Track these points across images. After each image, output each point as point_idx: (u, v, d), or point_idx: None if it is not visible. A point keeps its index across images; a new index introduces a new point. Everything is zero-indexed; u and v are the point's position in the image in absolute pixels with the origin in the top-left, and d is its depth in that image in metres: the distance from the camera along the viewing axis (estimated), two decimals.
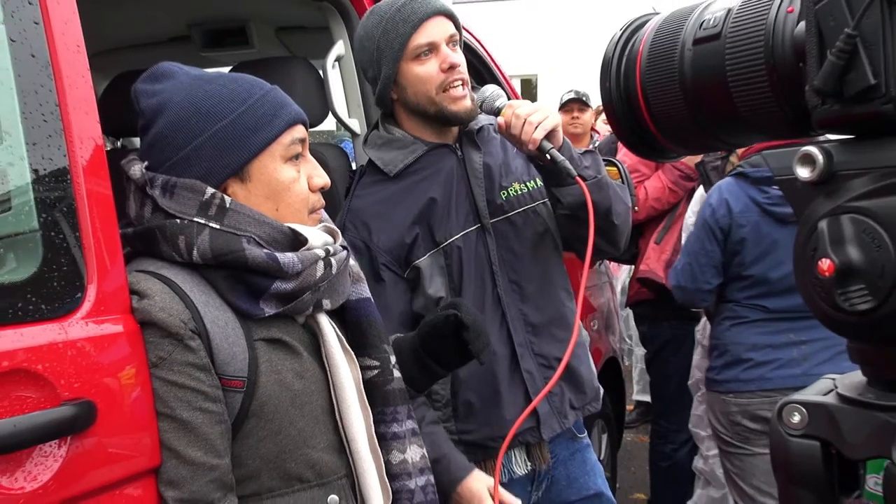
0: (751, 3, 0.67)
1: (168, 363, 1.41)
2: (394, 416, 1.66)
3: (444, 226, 2.06)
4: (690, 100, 0.70)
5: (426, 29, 2.00)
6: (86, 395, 1.29)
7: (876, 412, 0.61)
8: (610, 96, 0.75)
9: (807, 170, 0.62)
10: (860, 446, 0.61)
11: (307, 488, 1.52)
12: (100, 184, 1.39)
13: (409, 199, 2.05)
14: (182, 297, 1.43)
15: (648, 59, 0.72)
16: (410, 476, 1.64)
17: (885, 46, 0.56)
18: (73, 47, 1.40)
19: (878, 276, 0.58)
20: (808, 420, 0.64)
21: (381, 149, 2.12)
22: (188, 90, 1.51)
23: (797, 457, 0.64)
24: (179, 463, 1.40)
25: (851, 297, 0.58)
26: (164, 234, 1.47)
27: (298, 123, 1.58)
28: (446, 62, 2.00)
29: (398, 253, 2.04)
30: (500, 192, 2.11)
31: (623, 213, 2.10)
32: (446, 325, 1.72)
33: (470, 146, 2.13)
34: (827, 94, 0.59)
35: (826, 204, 0.61)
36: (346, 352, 1.63)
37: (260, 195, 1.55)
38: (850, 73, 0.57)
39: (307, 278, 1.53)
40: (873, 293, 0.58)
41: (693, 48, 0.69)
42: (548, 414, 2.12)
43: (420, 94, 2.03)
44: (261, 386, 1.48)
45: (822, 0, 0.58)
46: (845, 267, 0.58)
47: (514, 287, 2.13)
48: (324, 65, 2.50)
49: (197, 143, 1.49)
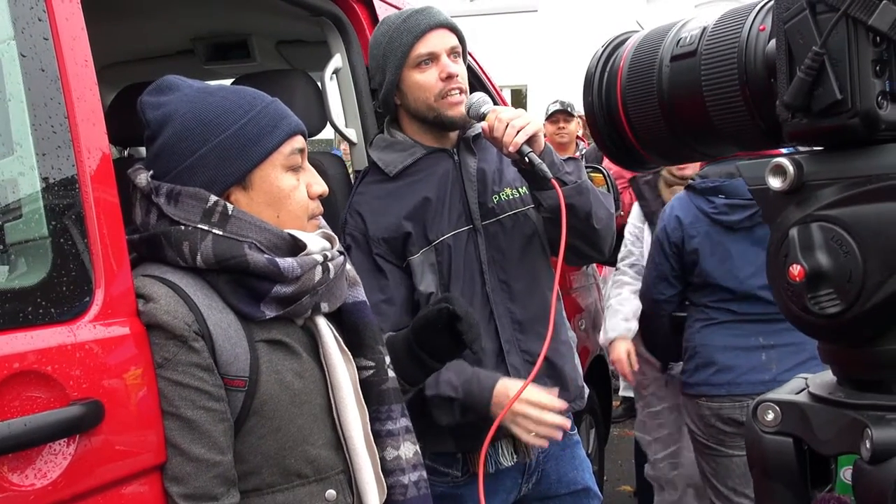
0: (725, 21, 0.68)
1: (173, 364, 1.41)
2: (388, 415, 1.67)
3: (437, 224, 2.10)
4: (668, 113, 0.71)
5: (428, 39, 2.06)
6: (93, 395, 1.29)
7: (845, 410, 0.61)
8: (592, 109, 0.76)
9: (778, 180, 0.62)
10: (830, 443, 0.62)
11: (306, 483, 1.53)
12: (107, 192, 1.40)
13: (405, 196, 2.10)
14: (186, 301, 1.44)
15: (629, 75, 0.73)
16: (404, 472, 1.65)
17: (850, 63, 0.57)
18: (82, 62, 1.40)
19: (846, 282, 0.58)
20: (781, 418, 0.64)
21: (384, 151, 2.18)
22: (193, 102, 1.52)
23: (771, 453, 0.65)
24: (184, 460, 1.41)
25: (821, 301, 0.59)
26: (169, 240, 1.48)
27: (298, 134, 1.60)
28: (445, 71, 2.06)
29: (394, 244, 2.08)
30: (492, 195, 2.15)
31: (605, 218, 2.13)
32: (439, 318, 1.74)
33: (466, 151, 2.18)
34: (796, 109, 0.59)
35: (797, 212, 0.61)
36: (344, 352, 1.64)
37: (262, 202, 1.56)
38: (818, 88, 0.58)
39: (306, 282, 1.54)
40: (841, 297, 0.59)
41: (670, 64, 0.70)
42: None
43: (419, 101, 2.09)
44: (262, 385, 1.48)
45: (791, 19, 0.59)
46: (815, 272, 0.59)
47: (502, 286, 2.16)
48: (322, 77, 2.51)
49: (201, 152, 1.50)
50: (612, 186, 3.15)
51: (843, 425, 0.60)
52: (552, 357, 2.19)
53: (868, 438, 0.57)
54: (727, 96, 0.66)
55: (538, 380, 2.19)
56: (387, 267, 2.08)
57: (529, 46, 13.64)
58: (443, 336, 1.76)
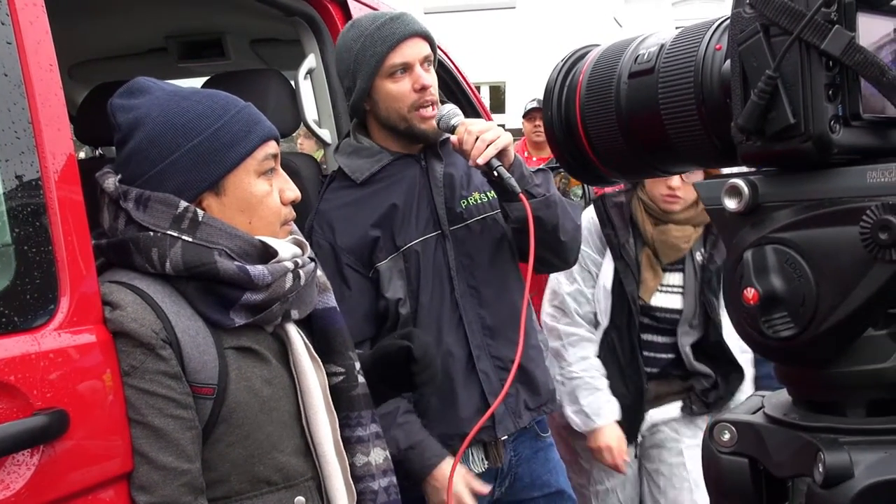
0: (682, 39, 0.67)
1: (140, 372, 1.40)
2: (358, 421, 1.66)
3: (405, 231, 2.10)
4: (626, 129, 0.70)
5: (403, 49, 2.04)
6: (58, 405, 1.28)
7: (799, 432, 0.61)
8: (551, 123, 0.76)
9: (734, 201, 0.62)
10: (785, 464, 0.62)
11: (275, 490, 1.52)
12: (72, 198, 1.38)
13: (373, 203, 2.09)
14: (154, 308, 1.42)
15: (587, 90, 0.73)
16: (374, 478, 1.65)
17: (803, 88, 0.57)
18: (46, 66, 1.38)
19: (799, 305, 0.58)
20: (737, 438, 0.64)
21: (350, 157, 2.16)
22: (164, 106, 1.50)
23: (727, 473, 0.64)
24: (151, 468, 1.39)
25: (775, 324, 0.59)
26: (138, 246, 1.46)
27: (271, 139, 1.59)
28: (419, 82, 2.04)
29: (360, 253, 2.08)
30: (460, 200, 2.15)
31: (571, 230, 2.15)
32: (398, 355, 1.75)
33: (433, 157, 2.17)
34: (750, 132, 0.59)
35: (752, 234, 0.61)
36: (313, 359, 1.63)
37: (234, 208, 1.54)
38: (772, 112, 0.58)
39: (276, 290, 1.53)
40: (795, 321, 0.58)
41: (628, 81, 0.70)
42: (503, 414, 2.15)
43: (391, 111, 2.07)
44: (230, 393, 1.47)
45: (745, 41, 0.58)
46: (769, 295, 0.59)
47: (471, 291, 2.16)
48: (296, 77, 2.50)
49: (173, 158, 1.48)
50: (588, 188, 3.15)
51: (798, 447, 0.60)
52: (524, 363, 2.19)
53: (821, 462, 0.57)
54: (684, 115, 0.66)
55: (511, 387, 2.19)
56: (352, 277, 2.08)
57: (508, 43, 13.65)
58: (401, 369, 1.76)
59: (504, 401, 2.14)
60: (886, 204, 0.54)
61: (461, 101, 3.03)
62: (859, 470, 0.56)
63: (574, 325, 2.70)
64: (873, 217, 0.55)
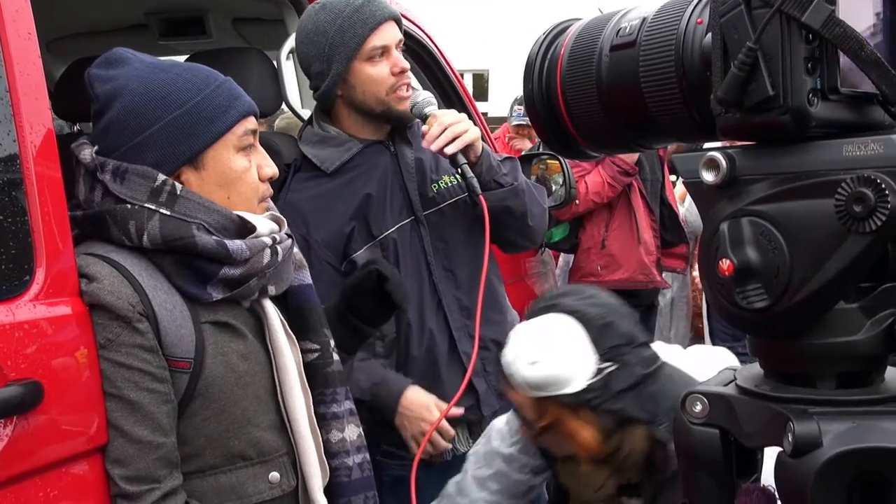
0: (664, 13, 0.68)
1: (116, 345, 1.39)
2: (333, 397, 1.67)
3: (380, 220, 2.10)
4: (606, 103, 0.71)
5: (381, 32, 2.03)
6: (33, 376, 1.26)
7: (769, 403, 0.62)
8: (532, 97, 0.76)
9: (711, 174, 0.62)
10: (755, 435, 0.62)
11: (249, 465, 1.52)
12: (49, 169, 1.36)
13: (346, 195, 2.08)
14: (130, 281, 1.41)
15: (568, 64, 0.73)
16: (348, 454, 1.65)
17: (783, 60, 0.57)
18: (25, 35, 1.36)
19: (773, 277, 0.59)
20: (708, 409, 0.65)
21: (317, 146, 2.14)
22: (143, 77, 1.49)
23: (698, 444, 0.65)
24: (126, 441, 1.39)
25: (749, 295, 0.59)
26: (115, 219, 1.45)
27: (251, 115, 1.58)
28: (397, 66, 2.04)
29: (336, 246, 2.08)
30: (431, 185, 2.16)
31: (539, 214, 2.19)
32: (368, 281, 1.76)
33: (402, 142, 2.17)
34: (729, 104, 0.60)
35: (728, 206, 0.62)
36: (289, 335, 1.63)
37: (213, 183, 1.53)
38: (751, 84, 0.58)
39: (254, 265, 1.52)
40: (769, 292, 0.59)
41: (610, 54, 0.70)
42: (486, 392, 2.18)
43: (369, 94, 2.06)
44: (207, 367, 1.47)
45: (727, 13, 0.59)
46: (743, 267, 0.59)
47: (448, 275, 2.17)
48: (278, 56, 2.48)
49: (152, 130, 1.47)
50: (568, 175, 3.16)
51: (768, 418, 0.61)
52: (501, 340, 2.20)
53: (790, 432, 0.57)
54: (664, 88, 0.66)
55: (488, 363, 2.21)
56: (324, 271, 2.07)
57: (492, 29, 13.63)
58: (372, 300, 1.78)
59: (486, 379, 2.16)
60: (861, 176, 0.55)
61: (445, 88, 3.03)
62: (827, 439, 0.56)
63: None
64: (848, 189, 0.55)
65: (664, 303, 4.63)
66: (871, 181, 0.54)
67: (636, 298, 3.87)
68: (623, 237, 3.76)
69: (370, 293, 1.77)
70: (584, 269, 3.84)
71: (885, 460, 0.55)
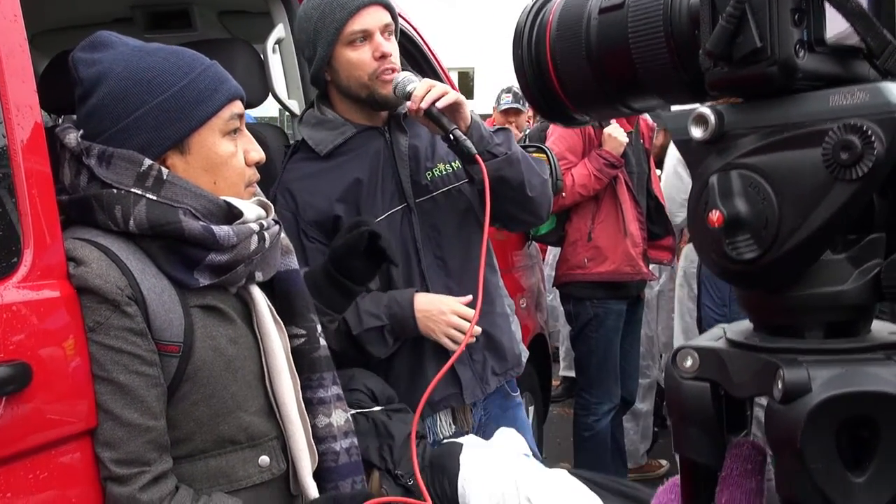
0: None
1: (105, 328, 1.39)
2: (320, 383, 1.67)
3: (370, 206, 2.11)
4: (596, 67, 0.71)
5: (362, 17, 2.03)
6: (21, 358, 1.26)
7: (759, 354, 0.62)
8: (521, 63, 0.76)
9: (700, 129, 0.63)
10: (745, 385, 0.63)
11: (239, 449, 1.52)
12: (36, 152, 1.36)
13: (336, 177, 2.10)
14: (119, 265, 1.41)
15: (557, 28, 0.73)
16: (336, 439, 1.66)
17: (770, 12, 0.58)
18: (10, 16, 1.36)
19: (762, 227, 0.60)
20: (699, 363, 0.66)
21: (314, 128, 2.17)
22: (129, 61, 1.48)
23: (689, 398, 0.66)
24: (116, 424, 1.39)
25: (738, 246, 0.60)
26: (101, 204, 1.45)
27: (237, 99, 1.58)
28: (378, 51, 2.05)
29: (325, 227, 2.10)
30: (425, 172, 2.17)
31: (539, 185, 2.16)
32: (361, 241, 1.80)
33: (398, 129, 2.18)
34: (717, 57, 0.60)
35: (717, 161, 0.62)
36: (276, 321, 1.63)
37: (199, 168, 1.53)
38: (739, 36, 0.59)
39: (241, 251, 1.52)
40: (758, 243, 0.60)
41: (598, 17, 0.70)
42: (470, 380, 2.19)
43: (352, 79, 2.08)
44: (196, 351, 1.47)
45: None
46: (733, 218, 0.60)
47: (438, 263, 2.18)
48: (264, 47, 2.48)
49: (138, 114, 1.46)
50: (555, 167, 3.17)
51: (758, 368, 0.62)
52: (489, 329, 2.22)
53: (780, 379, 0.58)
54: (653, 49, 0.67)
55: (476, 353, 2.22)
56: (311, 248, 2.08)
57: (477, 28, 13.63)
58: (360, 259, 1.83)
59: (472, 367, 2.17)
60: (848, 124, 0.55)
61: None
62: (816, 385, 0.57)
63: None
64: (835, 137, 0.56)
65: (651, 295, 4.65)
66: (857, 129, 0.55)
67: (623, 290, 3.89)
68: (609, 229, 3.77)
69: (360, 252, 1.81)
70: (570, 261, 3.86)
71: (872, 404, 0.56)
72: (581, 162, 3.75)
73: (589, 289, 3.84)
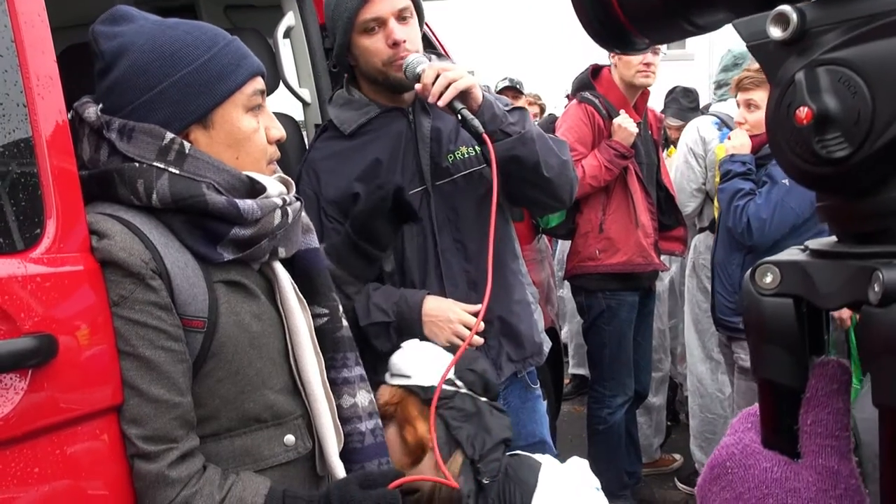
0: None
1: (130, 302, 1.36)
2: (343, 362, 1.65)
3: None
4: None
5: (374, 5, 2.03)
6: (46, 330, 1.23)
7: (850, 261, 0.59)
8: None
9: (779, 28, 0.60)
10: (834, 295, 0.60)
11: (264, 428, 1.49)
12: (58, 122, 1.33)
13: (357, 156, 2.10)
14: (142, 239, 1.39)
15: None
16: (361, 419, 1.63)
17: None
18: None
19: (853, 124, 0.56)
20: (780, 279, 0.62)
21: (342, 108, 2.18)
22: (151, 34, 1.46)
23: (770, 316, 0.62)
24: (142, 401, 1.35)
25: (828, 144, 0.57)
26: (123, 178, 1.42)
27: (259, 75, 1.56)
28: (391, 38, 2.04)
29: (343, 206, 2.09)
30: (447, 155, 2.15)
31: (557, 166, 2.13)
32: (386, 200, 1.81)
33: (422, 111, 2.17)
34: None
35: (800, 61, 0.59)
36: (299, 299, 1.61)
37: (222, 143, 1.51)
38: None
39: (265, 225, 1.50)
40: (849, 140, 0.56)
41: None
42: None
43: (369, 65, 2.09)
44: (221, 327, 1.44)
45: None
46: (822, 115, 0.57)
47: (457, 246, 2.16)
48: (275, 36, 2.47)
49: (161, 87, 1.44)
50: None
51: (849, 276, 0.58)
52: (505, 315, 2.19)
53: (877, 281, 0.55)
54: None
55: (491, 339, 2.19)
56: (329, 228, 2.08)
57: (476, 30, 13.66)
58: (383, 220, 1.84)
59: (487, 353, 2.15)
60: None
61: None
62: None
63: None
64: None
65: (662, 288, 4.62)
66: None
67: (635, 281, 3.86)
68: (620, 220, 3.74)
69: (384, 213, 1.82)
70: (581, 253, 3.82)
71: None
72: (591, 153, 3.72)
73: (601, 280, 3.81)
